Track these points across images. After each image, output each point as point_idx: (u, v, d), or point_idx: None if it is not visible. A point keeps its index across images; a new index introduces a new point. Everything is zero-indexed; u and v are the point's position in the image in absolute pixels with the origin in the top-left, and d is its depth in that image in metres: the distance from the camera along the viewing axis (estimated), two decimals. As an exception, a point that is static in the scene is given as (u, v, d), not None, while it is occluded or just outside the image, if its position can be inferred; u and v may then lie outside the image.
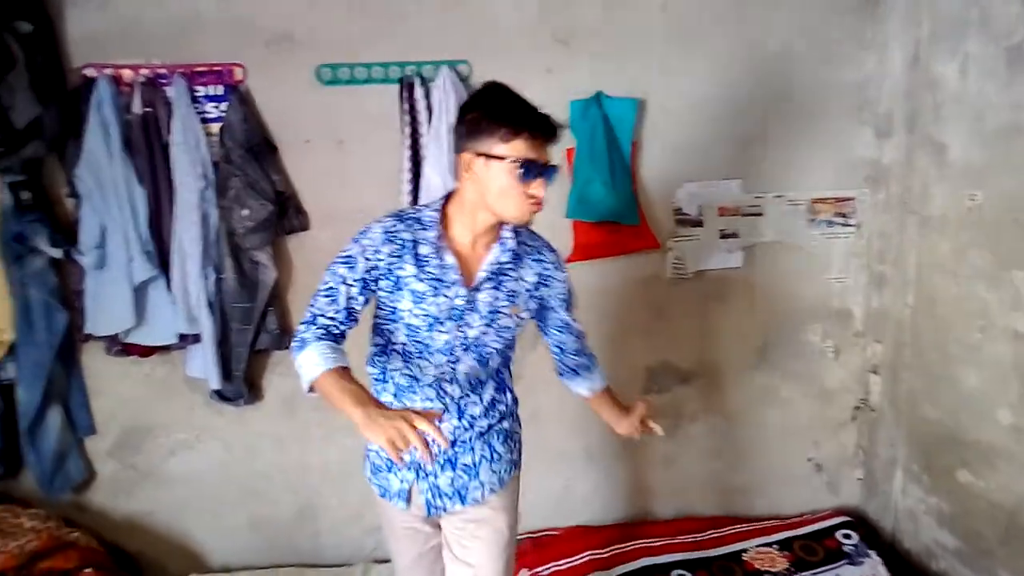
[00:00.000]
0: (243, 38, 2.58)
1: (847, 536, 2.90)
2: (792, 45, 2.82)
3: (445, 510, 1.82)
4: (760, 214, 2.93)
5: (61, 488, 2.75)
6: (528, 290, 1.80)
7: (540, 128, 1.62)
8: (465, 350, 1.75)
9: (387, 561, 2.89)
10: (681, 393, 3.05)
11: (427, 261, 1.68)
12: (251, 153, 2.54)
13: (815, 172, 2.92)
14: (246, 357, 2.69)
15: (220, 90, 2.56)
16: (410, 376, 1.77)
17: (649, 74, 2.78)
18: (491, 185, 1.63)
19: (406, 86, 2.62)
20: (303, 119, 2.66)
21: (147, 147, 2.50)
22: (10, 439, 2.68)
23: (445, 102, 2.57)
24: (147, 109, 2.50)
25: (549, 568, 2.72)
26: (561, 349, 1.96)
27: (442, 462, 1.80)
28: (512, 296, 1.77)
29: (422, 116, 2.62)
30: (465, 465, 1.82)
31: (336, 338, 1.62)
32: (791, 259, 2.98)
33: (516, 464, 1.94)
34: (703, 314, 2.99)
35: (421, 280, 1.68)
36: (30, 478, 2.74)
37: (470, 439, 1.82)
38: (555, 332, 1.93)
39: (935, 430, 2.70)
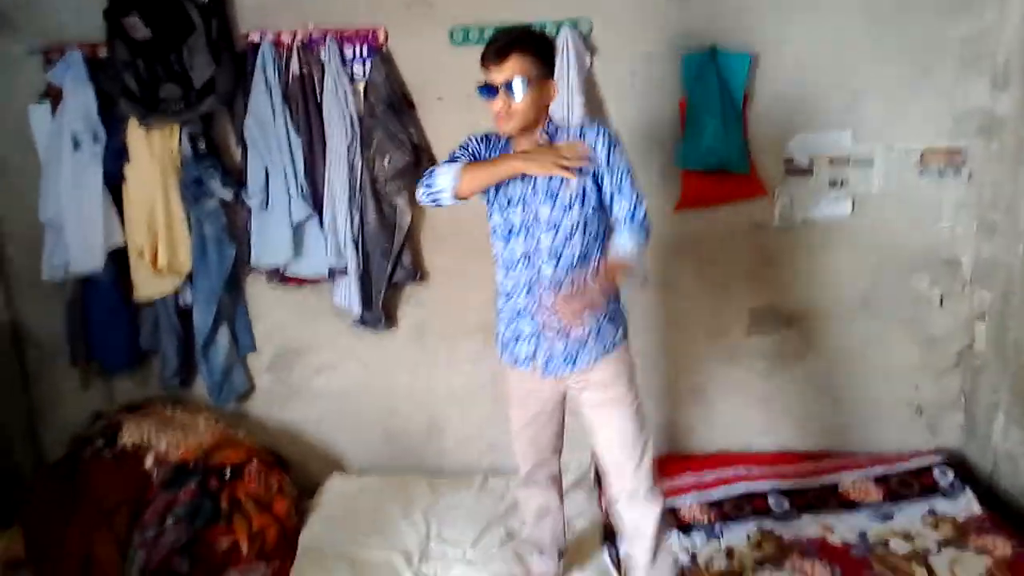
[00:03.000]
0: (386, 2, 2.85)
1: (944, 473, 2.99)
2: (909, -4, 2.85)
3: (558, 373, 2.19)
4: (870, 164, 3.00)
5: (227, 398, 3.20)
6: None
7: (485, 56, 2.03)
8: (546, 228, 2.09)
9: (503, 474, 3.24)
10: (784, 335, 3.19)
11: None
12: (392, 109, 2.83)
13: (928, 123, 2.96)
14: (384, 289, 3.03)
15: (365, 51, 2.85)
16: (521, 252, 2.13)
17: (764, 28, 2.88)
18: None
19: (530, 44, 2.82)
20: (437, 78, 2.93)
21: (303, 103, 2.84)
22: (187, 355, 3.15)
23: (566, 58, 2.77)
24: (304, 69, 2.83)
25: (652, 488, 2.96)
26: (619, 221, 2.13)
27: (557, 331, 2.13)
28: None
29: (544, 72, 2.83)
30: (576, 338, 2.15)
31: None
32: (900, 208, 3.04)
33: (623, 339, 2.24)
34: (809, 261, 3.10)
35: None
36: (201, 388, 3.20)
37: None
38: (612, 202, 2.11)
39: (1038, 377, 2.76)
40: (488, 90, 2.03)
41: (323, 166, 2.88)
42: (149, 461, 2.82)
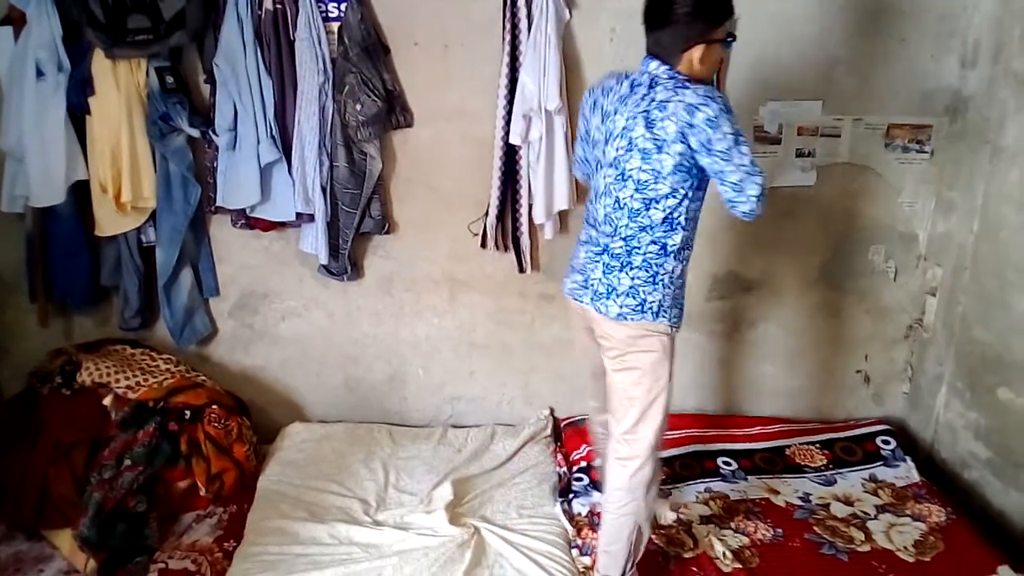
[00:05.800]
0: (364, -59, 2.78)
1: (886, 442, 3.12)
2: (885, -30, 2.86)
3: None
4: (838, 135, 3.04)
5: (188, 340, 3.17)
6: None
7: (727, 8, 2.13)
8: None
9: (462, 426, 3.31)
10: (742, 301, 3.25)
11: None
12: (366, 52, 2.78)
13: (896, 98, 3.00)
14: (351, 238, 3.00)
15: (341, -10, 2.79)
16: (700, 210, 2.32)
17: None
18: (712, 60, 2.17)
19: (509, -4, 2.78)
20: (413, 23, 2.87)
21: (276, 41, 2.77)
22: (148, 296, 3.11)
23: (544, 12, 2.74)
24: (277, 6, 2.74)
25: (607, 445, 3.03)
26: None
27: None
28: None
29: (522, 25, 2.79)
30: None
31: None
32: (863, 181, 3.10)
33: None
34: (771, 228, 3.14)
35: None
36: (163, 329, 3.16)
37: None
38: None
39: (983, 351, 2.87)
40: (732, 39, 2.16)
41: (293, 108, 2.83)
42: (108, 400, 2.80)
